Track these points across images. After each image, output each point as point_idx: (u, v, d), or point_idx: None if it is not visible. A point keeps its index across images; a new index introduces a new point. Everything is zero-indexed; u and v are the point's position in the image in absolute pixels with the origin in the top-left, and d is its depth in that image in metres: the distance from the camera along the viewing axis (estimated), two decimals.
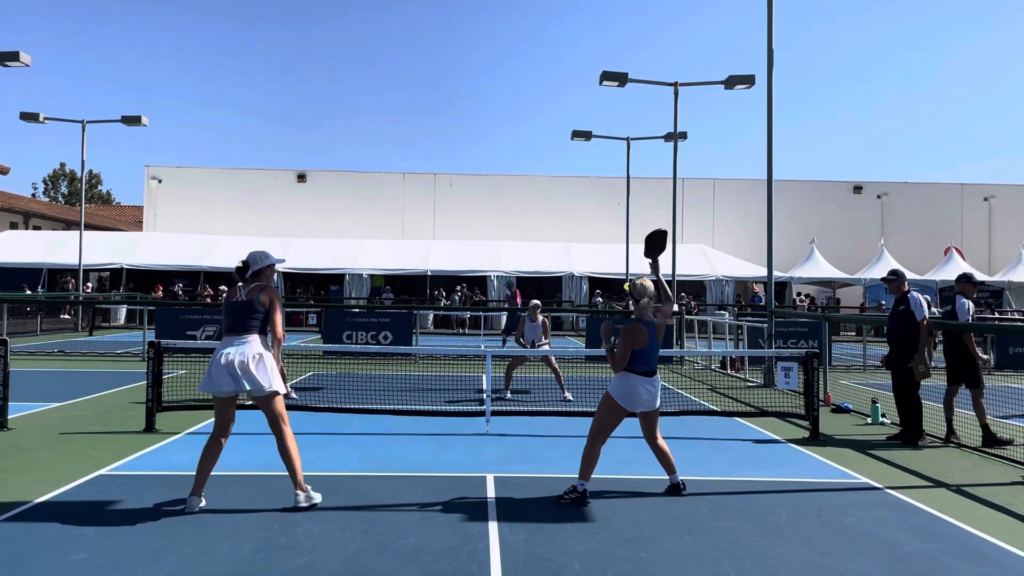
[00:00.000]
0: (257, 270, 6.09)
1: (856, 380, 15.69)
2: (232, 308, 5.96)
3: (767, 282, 15.59)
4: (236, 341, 5.84)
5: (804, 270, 35.05)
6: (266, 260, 6.12)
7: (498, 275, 33.57)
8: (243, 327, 5.88)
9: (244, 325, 5.88)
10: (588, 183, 41.19)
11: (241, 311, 5.92)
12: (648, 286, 6.42)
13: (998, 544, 5.39)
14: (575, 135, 28.92)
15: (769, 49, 14.87)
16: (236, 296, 6.00)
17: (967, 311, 9.18)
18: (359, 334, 18.34)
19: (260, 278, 6.08)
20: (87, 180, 66.29)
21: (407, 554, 4.95)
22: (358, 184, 40.99)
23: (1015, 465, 7.97)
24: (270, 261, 6.13)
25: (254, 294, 5.94)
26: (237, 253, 21.05)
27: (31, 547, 4.94)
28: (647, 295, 6.38)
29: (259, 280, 6.07)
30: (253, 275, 6.09)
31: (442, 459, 7.73)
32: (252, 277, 6.09)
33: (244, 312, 5.91)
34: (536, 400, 11.69)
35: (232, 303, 5.98)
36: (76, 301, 26.94)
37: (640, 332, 6.24)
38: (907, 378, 9.04)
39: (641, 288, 6.39)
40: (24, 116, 25.83)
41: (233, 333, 5.88)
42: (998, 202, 41.59)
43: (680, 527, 5.61)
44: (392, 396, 10.83)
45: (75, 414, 9.97)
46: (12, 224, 41.33)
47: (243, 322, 5.89)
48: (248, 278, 6.10)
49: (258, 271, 6.08)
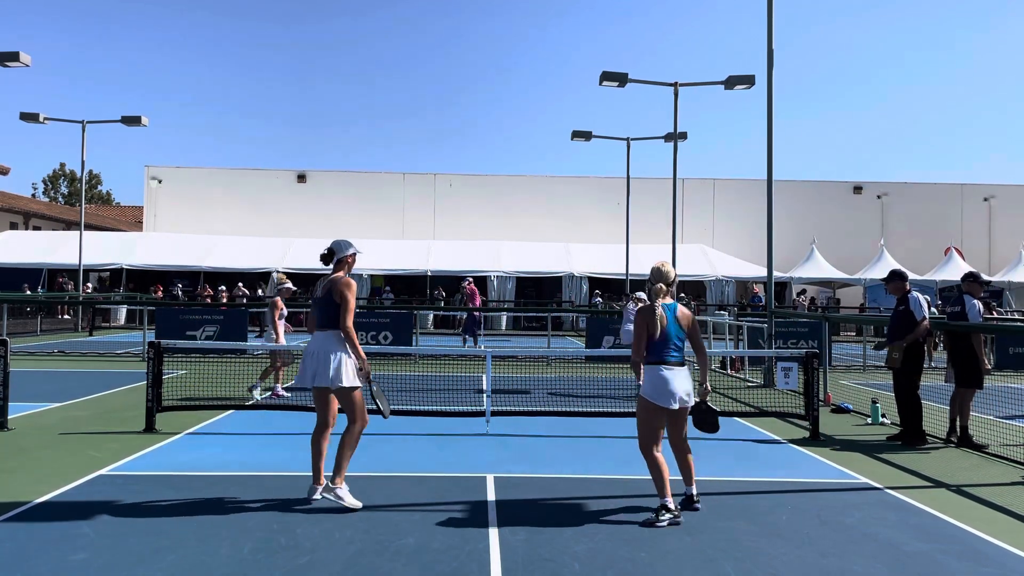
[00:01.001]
0: (340, 258, 6.14)
1: (856, 380, 15.68)
2: (314, 303, 6.09)
3: (767, 282, 15.59)
4: (318, 336, 5.98)
5: (804, 270, 35.04)
6: (347, 249, 6.17)
7: (498, 275, 33.56)
8: (321, 322, 6.00)
9: (322, 321, 6.00)
10: (588, 183, 41.19)
11: (319, 306, 6.04)
12: (668, 272, 5.95)
13: (998, 544, 5.38)
14: (575, 135, 28.93)
15: (769, 49, 14.87)
16: (317, 290, 6.11)
17: (978, 312, 9.13)
18: (359, 334, 18.25)
19: (342, 267, 6.14)
20: (87, 180, 66.31)
21: (407, 554, 4.95)
22: (358, 184, 40.99)
23: (1015, 465, 7.97)
24: (352, 251, 6.18)
25: (328, 288, 6.01)
26: (237, 253, 21.20)
27: (31, 547, 4.94)
28: (662, 280, 5.92)
29: (341, 269, 6.13)
30: (336, 265, 6.15)
31: (442, 459, 7.73)
32: (336, 267, 6.14)
33: (321, 307, 6.01)
34: (536, 400, 11.68)
35: (315, 298, 6.10)
36: (76, 301, 26.94)
37: (651, 314, 5.82)
38: (907, 378, 9.03)
39: (657, 272, 5.97)
40: (24, 116, 25.83)
41: (316, 328, 6.03)
42: (998, 202, 41.60)
43: (680, 527, 5.61)
44: (392, 396, 10.82)
45: (75, 414, 9.97)
46: (12, 224, 41.34)
47: (321, 318, 6.01)
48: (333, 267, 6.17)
49: (341, 259, 6.14)
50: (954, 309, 9.28)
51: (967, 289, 9.24)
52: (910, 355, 9.04)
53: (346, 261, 6.16)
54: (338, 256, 6.15)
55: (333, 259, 6.15)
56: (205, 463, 7.33)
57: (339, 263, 6.14)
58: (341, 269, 6.12)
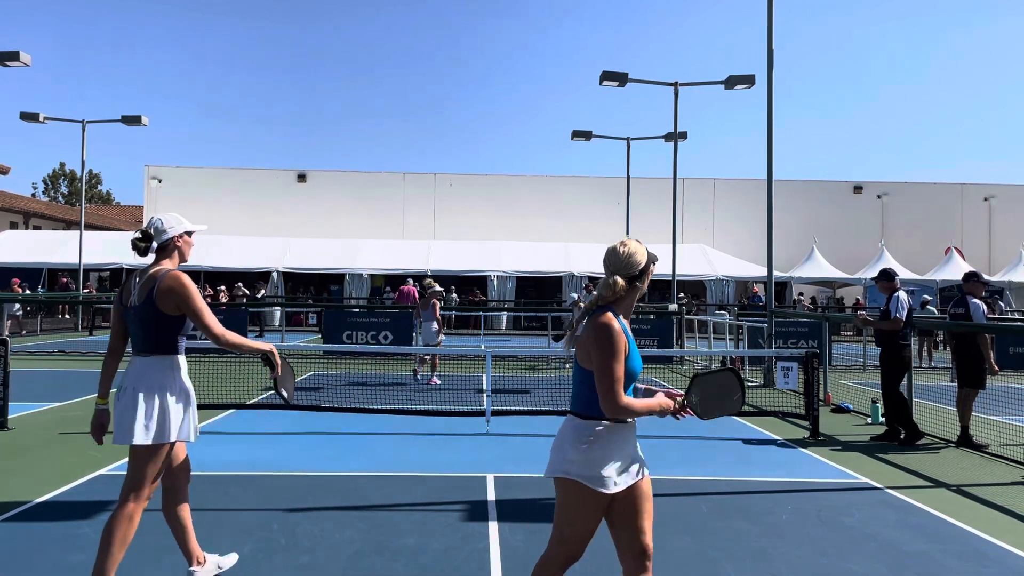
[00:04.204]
0: (165, 243, 4.15)
1: (856, 380, 15.68)
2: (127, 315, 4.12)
3: (767, 282, 15.59)
4: (136, 365, 4.11)
5: (804, 270, 35.03)
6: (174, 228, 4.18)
7: (498, 275, 33.56)
8: (141, 344, 4.10)
9: (142, 341, 4.10)
10: (588, 183, 41.17)
11: (136, 320, 4.07)
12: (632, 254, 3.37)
13: (998, 544, 5.38)
14: (575, 135, 28.93)
15: (769, 49, 14.86)
16: (131, 294, 4.07)
17: (983, 313, 9.17)
18: (359, 334, 18.35)
19: (168, 255, 4.17)
20: (87, 180, 66.29)
21: (407, 554, 4.95)
22: (358, 184, 40.97)
23: (1015, 465, 7.97)
24: (182, 229, 4.20)
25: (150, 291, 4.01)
26: (237, 253, 21.21)
27: (31, 547, 4.94)
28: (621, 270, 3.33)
29: (166, 258, 4.16)
30: (159, 253, 4.17)
31: (442, 459, 7.73)
32: (158, 255, 4.17)
33: (141, 321, 4.05)
34: (536, 400, 11.68)
35: (128, 307, 4.09)
36: (76, 301, 26.93)
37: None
38: (887, 377, 9.19)
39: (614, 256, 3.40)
40: (24, 116, 25.83)
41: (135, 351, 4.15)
42: (998, 202, 41.57)
43: (680, 527, 5.61)
44: (392, 396, 10.83)
45: (75, 414, 9.97)
46: (12, 224, 41.31)
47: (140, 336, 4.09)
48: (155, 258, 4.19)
49: (166, 244, 4.15)
50: (957, 310, 9.31)
51: (968, 289, 9.28)
52: (889, 355, 9.17)
53: (174, 246, 4.17)
54: (160, 240, 4.13)
55: (151, 245, 4.14)
56: (205, 463, 7.33)
57: (163, 250, 4.15)
58: (167, 258, 4.14)
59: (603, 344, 3.13)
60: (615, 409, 3.10)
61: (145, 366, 4.05)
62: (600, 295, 3.26)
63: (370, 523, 5.57)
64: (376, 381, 13.85)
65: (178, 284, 3.98)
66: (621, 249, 3.32)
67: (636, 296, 3.33)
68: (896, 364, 9.14)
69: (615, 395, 3.09)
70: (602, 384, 3.11)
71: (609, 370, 3.10)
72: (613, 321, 3.17)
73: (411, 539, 5.23)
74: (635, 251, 3.31)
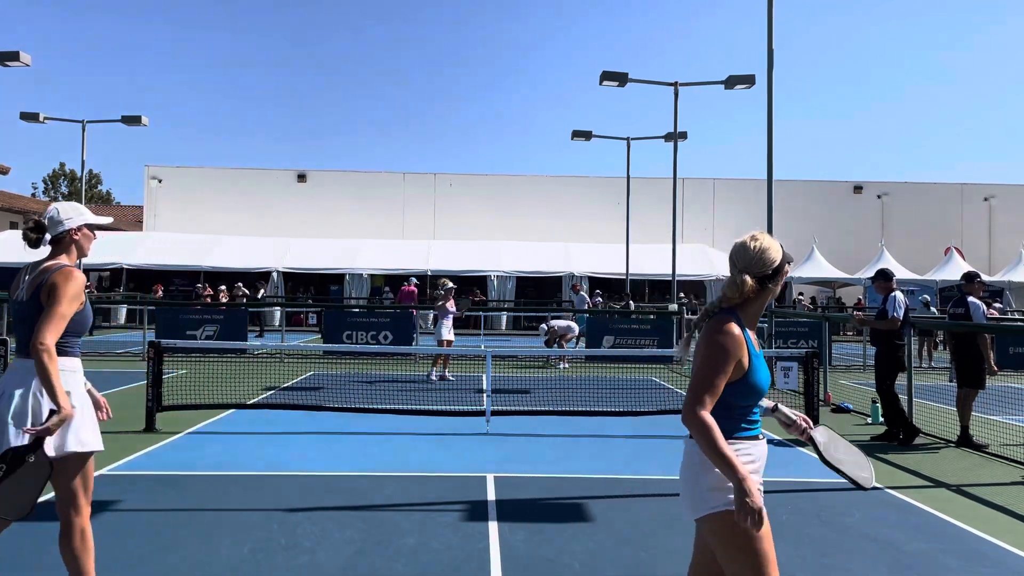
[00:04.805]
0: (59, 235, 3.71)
1: (856, 380, 15.69)
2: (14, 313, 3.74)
3: None
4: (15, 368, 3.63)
5: (804, 270, 35.04)
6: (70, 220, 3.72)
7: (498, 275, 33.57)
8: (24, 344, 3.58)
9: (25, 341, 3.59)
10: (588, 183, 41.17)
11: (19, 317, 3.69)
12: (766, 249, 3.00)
13: (998, 544, 5.39)
14: (575, 135, 28.92)
15: (769, 49, 14.86)
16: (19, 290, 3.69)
17: (983, 313, 9.20)
18: (359, 334, 18.35)
19: (64, 250, 3.74)
20: (87, 180, 66.27)
21: (407, 554, 4.95)
22: (358, 184, 40.97)
23: (1015, 465, 7.98)
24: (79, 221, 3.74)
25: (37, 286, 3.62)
26: (237, 253, 21.23)
27: (31, 547, 4.94)
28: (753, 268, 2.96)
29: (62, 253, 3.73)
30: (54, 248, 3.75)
31: (442, 459, 7.73)
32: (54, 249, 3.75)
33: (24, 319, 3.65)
34: (536, 400, 11.68)
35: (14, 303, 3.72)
36: None
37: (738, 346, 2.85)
38: (881, 376, 9.21)
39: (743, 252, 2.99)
40: (24, 116, 25.81)
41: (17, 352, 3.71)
42: (998, 202, 41.57)
43: (680, 527, 5.60)
44: (392, 396, 10.83)
45: None
46: (12, 224, 41.34)
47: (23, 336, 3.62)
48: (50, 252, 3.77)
49: (60, 236, 3.72)
50: (957, 310, 9.34)
51: (967, 290, 9.31)
52: (885, 355, 9.19)
53: (71, 239, 3.72)
54: (55, 232, 3.69)
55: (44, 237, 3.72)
56: (205, 463, 7.33)
57: (58, 243, 3.72)
58: (63, 252, 3.71)
59: (713, 348, 2.72)
60: (691, 419, 2.66)
61: (27, 371, 3.49)
62: (725, 295, 2.84)
63: (370, 523, 5.57)
64: (376, 381, 13.86)
65: (62, 278, 3.52)
66: (752, 244, 2.89)
67: (766, 300, 2.90)
68: (891, 363, 9.17)
69: (699, 404, 2.66)
70: (692, 386, 2.71)
71: (706, 376, 2.69)
72: (733, 327, 2.74)
73: (411, 539, 5.23)
74: (768, 247, 2.89)
